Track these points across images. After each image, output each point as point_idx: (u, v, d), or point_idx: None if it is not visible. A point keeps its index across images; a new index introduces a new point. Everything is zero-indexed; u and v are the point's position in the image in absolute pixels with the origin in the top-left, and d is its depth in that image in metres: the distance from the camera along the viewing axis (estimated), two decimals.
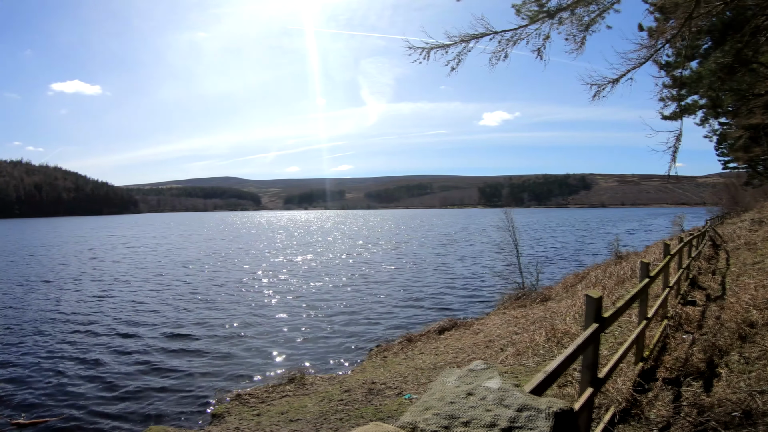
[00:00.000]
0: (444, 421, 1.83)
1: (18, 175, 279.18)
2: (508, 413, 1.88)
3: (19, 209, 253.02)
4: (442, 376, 2.21)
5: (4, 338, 17.97)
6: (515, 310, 15.95)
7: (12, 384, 13.33)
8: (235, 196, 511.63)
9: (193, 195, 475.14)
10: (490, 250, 44.53)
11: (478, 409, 1.90)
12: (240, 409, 10.10)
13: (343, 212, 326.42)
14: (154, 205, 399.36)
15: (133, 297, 25.75)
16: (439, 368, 10.31)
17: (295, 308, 21.81)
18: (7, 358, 15.62)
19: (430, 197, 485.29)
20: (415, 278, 29.59)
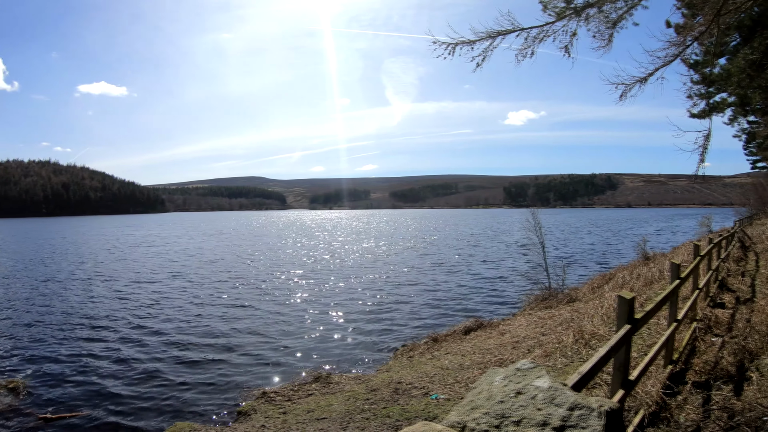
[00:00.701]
0: (494, 420, 1.80)
1: (46, 174, 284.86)
2: (559, 412, 1.84)
3: (46, 208, 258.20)
4: (487, 376, 2.18)
5: (31, 335, 18.31)
6: (541, 311, 15.79)
7: (38, 379, 13.53)
8: (261, 195, 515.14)
9: (218, 194, 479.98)
10: (515, 251, 44.25)
11: (529, 408, 1.86)
12: (266, 407, 10.13)
13: (367, 212, 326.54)
14: (180, 204, 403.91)
15: (158, 294, 26.08)
16: (466, 368, 10.25)
17: (320, 307, 21.83)
18: (35, 353, 15.88)
19: (455, 197, 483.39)
20: (441, 278, 29.46)
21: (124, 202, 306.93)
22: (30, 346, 16.75)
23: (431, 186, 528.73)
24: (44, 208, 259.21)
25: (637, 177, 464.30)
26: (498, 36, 9.21)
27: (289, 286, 27.78)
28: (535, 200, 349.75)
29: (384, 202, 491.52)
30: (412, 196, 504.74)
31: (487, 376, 2.17)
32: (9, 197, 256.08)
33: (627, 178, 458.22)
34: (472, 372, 9.81)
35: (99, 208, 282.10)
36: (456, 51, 9.30)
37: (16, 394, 12.32)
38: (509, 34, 9.22)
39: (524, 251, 27.09)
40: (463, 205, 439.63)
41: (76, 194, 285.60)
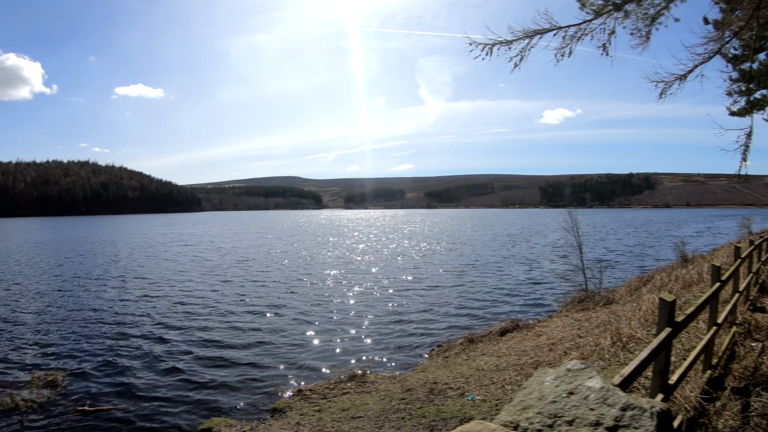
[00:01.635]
0: (547, 419, 1.81)
1: (85, 174, 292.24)
2: (612, 412, 1.84)
3: (85, 207, 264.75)
4: (536, 376, 2.18)
5: (68, 330, 18.89)
6: (578, 312, 15.59)
7: (77, 373, 13.91)
8: (297, 195, 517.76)
9: (255, 194, 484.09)
10: (552, 252, 43.78)
11: (582, 408, 1.87)
12: (301, 404, 10.22)
13: (403, 212, 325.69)
14: (217, 203, 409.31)
15: (192, 292, 26.59)
16: (502, 370, 10.19)
17: (354, 307, 21.93)
18: (72, 348, 16.36)
19: (491, 197, 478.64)
20: (476, 279, 29.28)
21: (161, 202, 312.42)
22: (67, 340, 17.26)
23: (467, 186, 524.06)
24: (83, 207, 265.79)
25: (676, 177, 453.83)
26: (535, 35, 9.13)
27: (324, 286, 27.98)
28: (571, 200, 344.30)
29: (419, 202, 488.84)
30: (448, 196, 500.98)
31: (537, 377, 2.17)
32: (49, 196, 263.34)
33: (665, 178, 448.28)
34: (508, 373, 9.75)
35: (137, 207, 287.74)
36: (493, 52, 9.26)
37: (54, 386, 12.63)
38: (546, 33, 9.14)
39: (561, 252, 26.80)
40: (499, 205, 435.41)
41: (115, 194, 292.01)
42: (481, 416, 7.63)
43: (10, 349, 16.29)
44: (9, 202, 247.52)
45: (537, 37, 9.15)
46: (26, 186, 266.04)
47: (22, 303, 24.00)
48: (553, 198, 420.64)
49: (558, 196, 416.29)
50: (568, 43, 9.23)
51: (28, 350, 16.14)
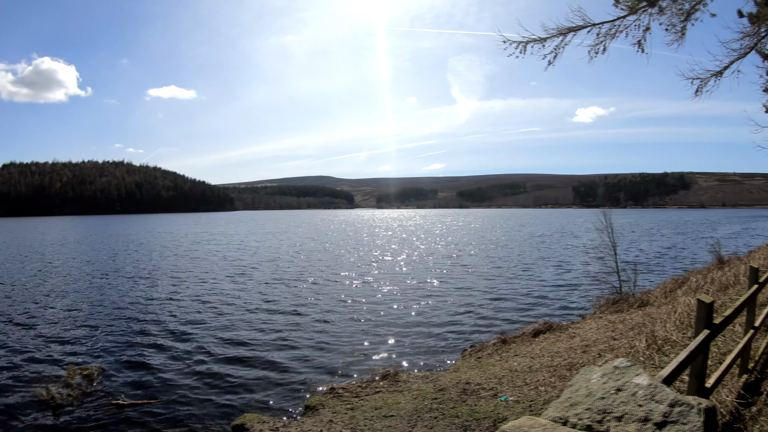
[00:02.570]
0: (597, 415, 1.84)
1: (120, 174, 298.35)
2: (660, 408, 1.86)
3: (120, 206, 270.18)
4: (582, 374, 2.21)
5: (104, 325, 19.42)
6: (612, 314, 15.40)
7: (112, 367, 14.25)
8: (329, 194, 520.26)
9: (287, 194, 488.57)
10: (585, 253, 43.28)
11: (630, 405, 1.89)
12: (333, 402, 10.29)
13: (435, 211, 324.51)
14: (249, 203, 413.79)
15: (226, 290, 27.02)
16: (535, 371, 10.13)
17: (386, 306, 22.01)
18: (107, 343, 16.79)
19: (524, 196, 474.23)
20: (508, 279, 29.07)
21: (195, 201, 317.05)
22: (102, 336, 17.70)
23: (499, 185, 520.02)
24: (118, 206, 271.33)
25: (711, 176, 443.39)
26: (569, 33, 9.08)
27: (355, 285, 28.14)
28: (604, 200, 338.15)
29: (451, 202, 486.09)
30: (480, 196, 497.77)
31: (583, 374, 2.20)
32: (85, 196, 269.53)
33: (700, 177, 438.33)
34: (541, 375, 9.70)
35: (170, 206, 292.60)
36: (527, 49, 9.22)
37: (90, 380, 12.95)
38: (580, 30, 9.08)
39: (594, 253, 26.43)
40: (532, 204, 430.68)
41: (149, 193, 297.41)
42: (514, 417, 7.60)
43: (46, 342, 16.82)
44: (46, 202, 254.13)
45: (571, 34, 9.11)
46: (62, 186, 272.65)
47: (57, 299, 24.72)
48: (586, 198, 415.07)
49: (591, 196, 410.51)
50: (602, 40, 9.16)
51: (63, 344, 16.65)
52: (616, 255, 18.97)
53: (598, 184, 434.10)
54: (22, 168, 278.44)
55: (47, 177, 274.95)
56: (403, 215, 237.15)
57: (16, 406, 11.51)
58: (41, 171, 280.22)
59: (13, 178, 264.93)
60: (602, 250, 20.17)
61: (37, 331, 18.39)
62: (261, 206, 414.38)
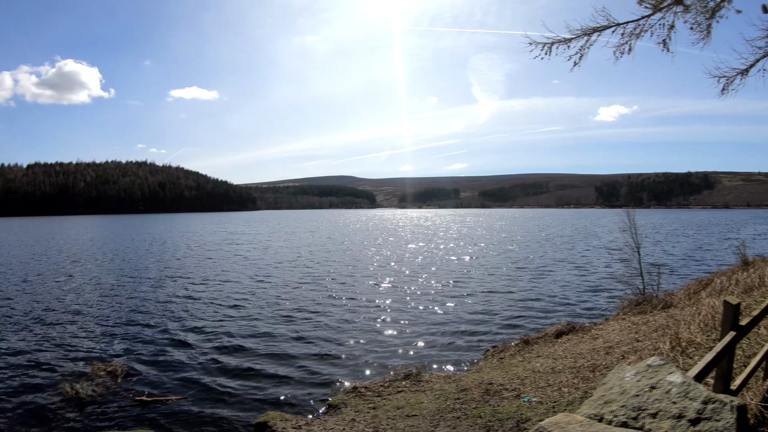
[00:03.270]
0: (632, 412, 1.88)
1: (143, 174, 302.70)
2: (694, 405, 1.90)
3: (143, 206, 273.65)
4: (615, 372, 2.25)
5: (128, 322, 19.77)
6: (635, 316, 15.28)
7: (135, 364, 14.48)
8: (351, 194, 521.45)
9: (309, 193, 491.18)
10: (607, 253, 42.91)
11: (664, 402, 1.93)
12: (356, 401, 10.34)
13: (457, 211, 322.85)
14: (272, 202, 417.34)
15: (248, 288, 27.29)
16: (558, 372, 10.11)
17: (409, 305, 22.04)
18: (131, 340, 17.10)
19: (546, 196, 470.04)
20: (531, 280, 28.87)
21: (217, 200, 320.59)
22: (126, 333, 18.04)
23: (521, 185, 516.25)
24: (141, 206, 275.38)
25: (736, 176, 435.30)
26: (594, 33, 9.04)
27: (377, 284, 28.20)
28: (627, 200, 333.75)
29: (473, 201, 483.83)
30: (502, 196, 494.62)
31: (616, 373, 2.24)
32: (108, 195, 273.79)
33: (725, 177, 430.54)
34: (564, 376, 9.67)
35: (193, 206, 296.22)
36: (552, 50, 9.20)
37: (115, 377, 13.19)
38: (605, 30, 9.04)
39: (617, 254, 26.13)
40: (554, 204, 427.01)
41: (172, 193, 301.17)
42: (538, 418, 7.62)
43: (70, 339, 17.17)
44: (70, 201, 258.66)
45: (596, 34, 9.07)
46: (86, 185, 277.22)
47: (82, 297, 25.20)
48: (609, 198, 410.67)
49: (614, 195, 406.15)
50: (627, 40, 9.10)
51: (87, 342, 16.95)
52: (640, 256, 18.77)
53: (621, 183, 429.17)
54: (47, 168, 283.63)
55: (71, 177, 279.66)
56: (424, 215, 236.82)
57: (42, 401, 11.77)
58: (65, 171, 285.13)
59: (38, 178, 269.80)
60: (625, 251, 20.01)
61: (61, 328, 18.81)
62: (283, 206, 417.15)
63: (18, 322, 19.59)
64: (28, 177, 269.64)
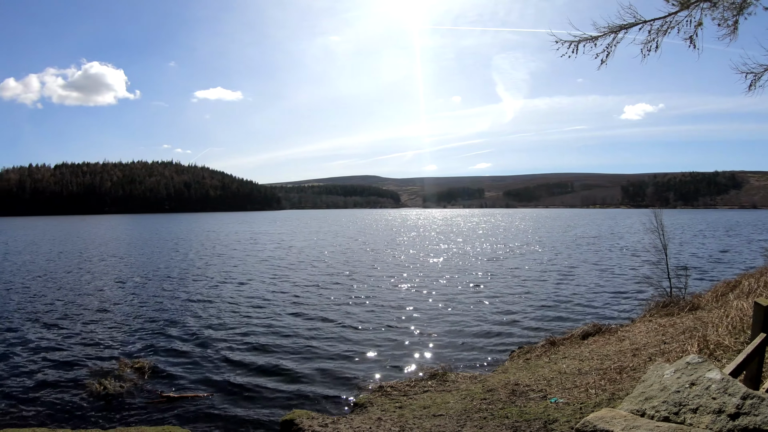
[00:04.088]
0: (673, 408, 1.94)
1: (168, 174, 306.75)
2: (733, 401, 1.95)
3: (168, 205, 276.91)
4: (654, 370, 2.31)
5: (156, 319, 20.22)
6: (662, 318, 15.14)
7: (162, 360, 14.81)
8: (375, 194, 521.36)
9: (333, 193, 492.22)
10: (634, 254, 42.44)
11: (704, 398, 1.99)
12: (382, 400, 10.39)
13: (481, 211, 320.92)
14: (296, 202, 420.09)
15: (275, 287, 27.70)
16: (584, 374, 10.07)
17: (434, 305, 22.09)
18: (158, 337, 17.50)
19: (571, 196, 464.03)
20: (556, 281, 28.71)
21: (242, 200, 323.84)
22: (153, 330, 18.47)
23: (546, 185, 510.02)
24: (167, 205, 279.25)
25: (764, 175, 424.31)
26: (620, 30, 9.01)
27: (402, 284, 28.30)
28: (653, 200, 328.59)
29: (498, 201, 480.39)
30: (527, 195, 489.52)
31: (655, 370, 2.29)
32: (134, 195, 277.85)
33: (752, 176, 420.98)
34: (591, 377, 9.64)
35: (218, 205, 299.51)
36: (579, 49, 9.19)
37: (142, 373, 13.46)
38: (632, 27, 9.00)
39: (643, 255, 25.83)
40: (579, 204, 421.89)
41: (197, 192, 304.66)
42: (565, 419, 7.62)
43: (97, 336, 17.61)
44: (97, 201, 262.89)
45: (622, 32, 9.04)
46: (113, 185, 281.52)
47: (108, 294, 25.87)
48: (634, 198, 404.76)
49: (640, 195, 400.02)
50: (654, 37, 9.04)
51: (115, 339, 17.36)
52: (667, 257, 18.56)
53: (647, 183, 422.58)
54: (74, 168, 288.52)
55: (98, 177, 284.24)
56: (448, 215, 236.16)
57: (70, 397, 12.10)
58: (92, 171, 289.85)
59: (65, 177, 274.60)
60: (652, 252, 19.82)
61: (89, 325, 19.30)
62: (308, 205, 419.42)
63: (47, 319, 20.14)
64: (55, 177, 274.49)
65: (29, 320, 19.97)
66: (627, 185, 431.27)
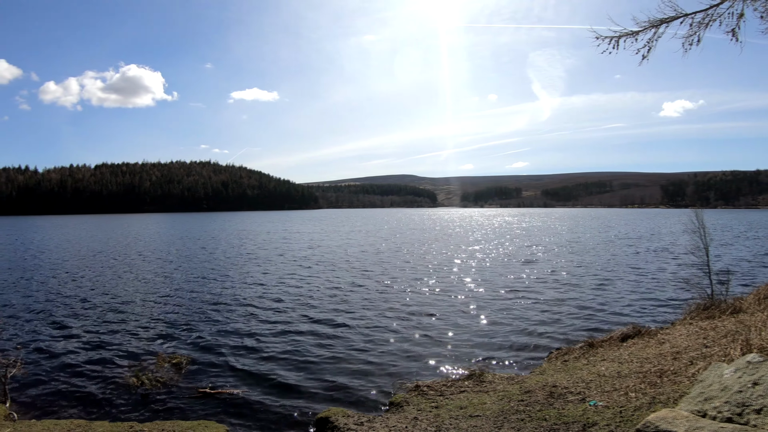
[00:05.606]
0: (735, 408, 1.92)
1: (206, 174, 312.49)
2: None
3: (206, 204, 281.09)
4: (712, 369, 2.29)
5: (192, 315, 20.78)
6: (702, 321, 14.82)
7: (199, 356, 15.14)
8: (412, 193, 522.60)
9: (370, 192, 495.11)
10: (673, 255, 41.58)
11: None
12: (418, 400, 10.37)
13: (519, 210, 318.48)
14: (333, 201, 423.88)
15: (311, 284, 28.20)
16: (624, 377, 9.93)
17: (470, 305, 21.98)
18: (195, 332, 17.91)
19: (610, 195, 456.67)
20: (594, 281, 28.26)
21: (279, 199, 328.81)
22: (190, 326, 18.89)
23: (584, 184, 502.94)
24: (205, 204, 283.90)
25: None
26: (661, 24, 8.85)
27: (439, 284, 28.25)
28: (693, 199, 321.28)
29: (536, 201, 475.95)
30: (565, 195, 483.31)
31: (713, 370, 2.27)
32: (173, 194, 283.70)
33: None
34: (630, 380, 9.49)
35: (255, 204, 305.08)
36: (620, 44, 9.06)
37: (179, 369, 13.77)
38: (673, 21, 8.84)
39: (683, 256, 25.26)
40: (618, 204, 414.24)
41: (235, 191, 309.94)
42: (605, 423, 7.52)
43: (136, 331, 18.17)
44: (136, 200, 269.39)
45: (663, 26, 8.88)
46: (152, 185, 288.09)
47: (148, 290, 26.66)
48: (674, 197, 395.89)
49: (679, 195, 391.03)
50: (695, 31, 8.85)
51: (153, 334, 17.84)
52: (708, 258, 18.10)
53: (686, 182, 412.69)
54: (114, 168, 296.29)
55: (137, 176, 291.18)
56: (485, 214, 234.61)
57: (108, 390, 12.46)
58: (131, 171, 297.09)
59: (105, 177, 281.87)
60: (692, 253, 19.38)
61: (128, 320, 19.96)
62: (345, 204, 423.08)
63: (86, 313, 20.96)
64: (95, 177, 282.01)
65: (70, 315, 20.77)
66: (666, 184, 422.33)
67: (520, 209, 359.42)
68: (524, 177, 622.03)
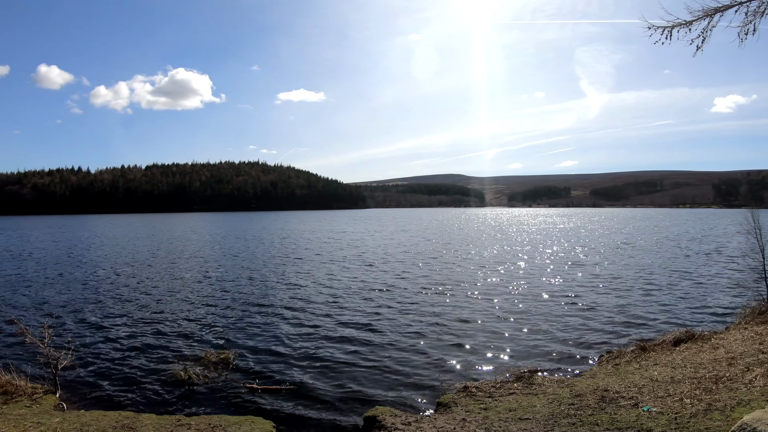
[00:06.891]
0: None
1: (255, 174, 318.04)
2: None
3: (255, 204, 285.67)
4: None
5: (241, 313, 21.28)
6: (758, 325, 14.39)
7: (247, 353, 15.48)
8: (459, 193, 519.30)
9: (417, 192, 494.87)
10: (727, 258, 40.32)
11: None
12: (466, 401, 10.36)
13: (568, 210, 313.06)
14: (381, 201, 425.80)
15: (362, 284, 28.46)
16: (677, 382, 9.76)
17: (518, 307, 21.84)
18: (244, 330, 18.36)
19: (660, 195, 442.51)
20: (645, 284, 27.60)
21: (327, 199, 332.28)
22: (239, 323, 19.40)
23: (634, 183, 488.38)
24: (254, 204, 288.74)
25: None
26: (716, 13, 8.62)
27: (488, 285, 28.20)
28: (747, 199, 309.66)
29: (584, 200, 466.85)
30: (614, 194, 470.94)
31: None
32: (223, 194, 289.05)
33: None
34: (685, 386, 9.32)
35: (304, 203, 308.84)
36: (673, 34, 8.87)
37: (226, 364, 14.10)
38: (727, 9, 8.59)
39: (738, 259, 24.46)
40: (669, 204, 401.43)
41: (283, 191, 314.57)
42: (660, 429, 7.42)
43: (187, 326, 18.82)
44: (186, 200, 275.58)
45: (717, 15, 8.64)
46: (201, 185, 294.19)
47: (198, 287, 27.62)
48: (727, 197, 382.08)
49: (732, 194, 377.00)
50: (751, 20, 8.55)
51: (202, 329, 18.46)
52: (764, 261, 17.50)
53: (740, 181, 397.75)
54: (164, 169, 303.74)
55: (187, 177, 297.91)
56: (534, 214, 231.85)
57: (155, 384, 12.91)
58: (181, 171, 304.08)
59: (156, 178, 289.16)
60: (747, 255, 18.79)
61: (179, 315, 20.76)
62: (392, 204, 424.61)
63: (134, 309, 21.88)
64: (146, 177, 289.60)
65: (118, 310, 21.68)
66: (719, 183, 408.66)
67: (569, 209, 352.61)
68: (573, 176, 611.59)
